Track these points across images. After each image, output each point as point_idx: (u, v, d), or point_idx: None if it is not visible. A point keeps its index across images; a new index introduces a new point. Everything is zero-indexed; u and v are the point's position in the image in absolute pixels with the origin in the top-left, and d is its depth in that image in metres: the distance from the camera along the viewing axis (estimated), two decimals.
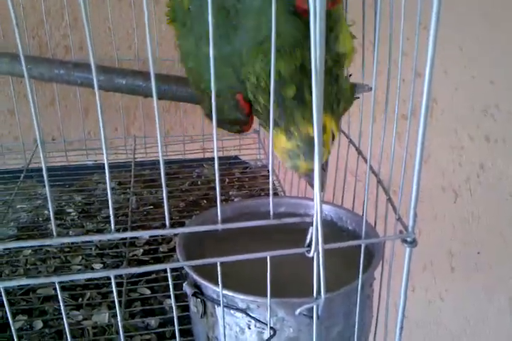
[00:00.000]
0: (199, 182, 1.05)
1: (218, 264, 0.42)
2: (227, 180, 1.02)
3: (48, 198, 0.38)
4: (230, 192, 1.00)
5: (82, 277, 0.39)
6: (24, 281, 0.37)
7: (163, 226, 0.41)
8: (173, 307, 0.43)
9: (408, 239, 0.43)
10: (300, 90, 0.44)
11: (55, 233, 0.38)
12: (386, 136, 0.52)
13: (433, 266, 1.07)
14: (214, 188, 1.00)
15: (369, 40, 0.57)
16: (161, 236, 0.82)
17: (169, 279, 0.42)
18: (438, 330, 1.08)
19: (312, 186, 0.48)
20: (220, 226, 0.41)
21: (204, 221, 0.61)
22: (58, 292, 0.39)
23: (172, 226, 0.41)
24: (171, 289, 0.42)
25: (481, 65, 0.86)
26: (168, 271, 0.41)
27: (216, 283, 0.44)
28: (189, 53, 0.55)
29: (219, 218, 0.41)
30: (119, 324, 0.42)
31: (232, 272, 0.53)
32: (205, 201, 0.97)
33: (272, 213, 0.41)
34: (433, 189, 1.03)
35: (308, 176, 0.48)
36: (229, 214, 0.65)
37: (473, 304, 0.98)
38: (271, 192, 0.41)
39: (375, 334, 0.58)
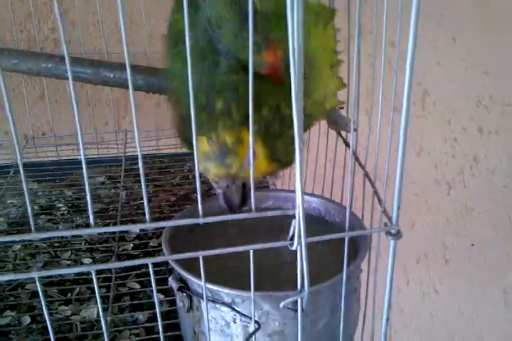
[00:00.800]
0: (190, 176, 1.05)
1: (200, 258, 0.41)
2: None
3: (25, 194, 0.37)
4: None
5: (61, 272, 0.38)
6: (2, 277, 0.37)
7: (153, 220, 0.40)
8: (156, 303, 0.43)
9: (392, 232, 0.43)
10: (228, 104, 0.48)
11: (33, 228, 0.37)
12: (374, 129, 0.52)
13: (427, 258, 1.07)
14: (205, 182, 0.99)
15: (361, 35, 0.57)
16: (152, 230, 0.82)
17: (151, 274, 0.41)
18: (432, 322, 1.09)
19: (222, 201, 0.51)
20: (201, 220, 0.41)
21: (192, 215, 0.61)
22: (38, 287, 0.38)
23: (155, 220, 0.41)
24: (153, 284, 0.42)
25: (474, 55, 0.85)
26: (150, 266, 0.41)
27: (205, 278, 0.43)
28: (176, 74, 0.56)
29: (200, 212, 0.40)
30: (102, 320, 0.42)
31: (220, 266, 0.52)
32: (195, 195, 0.97)
33: (253, 206, 0.41)
34: (426, 181, 1.02)
35: (216, 183, 0.50)
36: (217, 209, 0.64)
37: (467, 296, 0.98)
38: (252, 185, 0.41)
39: (363, 325, 0.58)
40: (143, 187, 0.40)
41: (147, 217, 0.39)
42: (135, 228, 0.39)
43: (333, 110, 0.62)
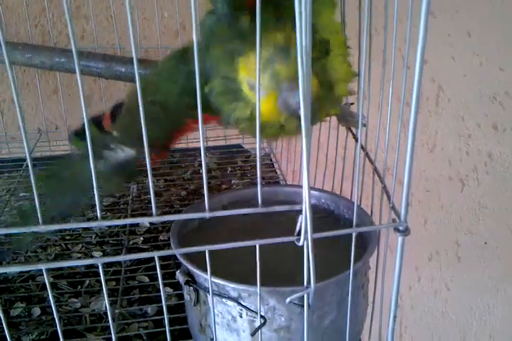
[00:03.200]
0: (201, 171, 1.05)
1: (207, 252, 0.41)
2: (229, 168, 1.02)
3: (33, 185, 0.38)
4: (232, 181, 0.99)
5: (68, 264, 0.39)
6: (11, 269, 0.37)
7: (163, 214, 0.41)
8: (162, 296, 0.43)
9: (400, 228, 0.42)
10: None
11: (40, 220, 0.38)
12: (384, 124, 0.51)
13: (439, 255, 1.05)
14: (216, 177, 0.99)
15: (374, 28, 0.56)
16: (161, 224, 0.82)
17: (157, 267, 0.41)
18: (444, 320, 1.07)
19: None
20: (207, 215, 0.41)
21: (201, 209, 0.61)
22: (45, 279, 0.39)
23: (165, 214, 0.41)
24: (160, 277, 0.42)
25: (490, 50, 0.84)
26: (156, 259, 0.41)
27: (211, 272, 0.43)
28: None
29: (206, 206, 0.40)
30: (108, 312, 0.42)
31: (229, 261, 0.52)
32: None
33: (260, 201, 0.41)
34: (439, 178, 1.01)
35: (293, 87, 0.43)
36: (226, 203, 0.65)
37: (480, 294, 0.97)
38: (259, 179, 0.40)
39: (371, 322, 0.57)
40: (149, 180, 0.40)
41: (153, 210, 0.39)
42: (141, 221, 0.39)
43: (342, 103, 0.60)
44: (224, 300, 0.48)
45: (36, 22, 1.14)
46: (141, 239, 0.81)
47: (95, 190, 0.38)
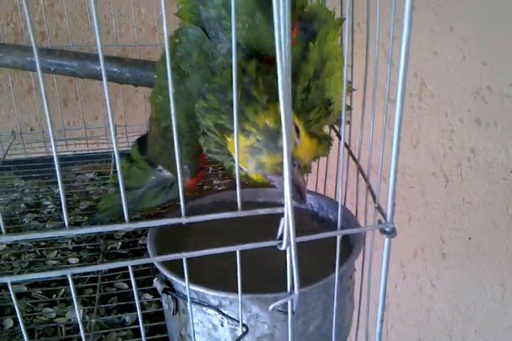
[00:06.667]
0: None
1: (184, 260, 0.39)
2: (210, 168, 0.99)
3: None
4: (214, 181, 0.97)
5: (34, 277, 0.36)
6: None
7: (144, 217, 0.38)
8: (137, 306, 0.40)
9: (387, 229, 0.40)
10: (244, 89, 0.43)
11: (3, 230, 0.35)
12: (368, 121, 0.49)
13: (424, 252, 1.05)
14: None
15: (357, 24, 0.54)
16: (141, 228, 0.79)
17: (131, 276, 0.39)
18: (429, 317, 1.07)
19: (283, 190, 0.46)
20: (184, 220, 0.38)
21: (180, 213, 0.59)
22: (11, 293, 0.36)
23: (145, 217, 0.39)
24: (134, 287, 0.39)
25: (472, 45, 0.83)
26: (130, 269, 0.39)
27: (189, 279, 0.41)
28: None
29: (182, 211, 0.38)
30: (79, 322, 0.40)
31: (210, 267, 0.50)
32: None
33: (239, 204, 0.39)
34: (424, 174, 1.00)
35: (279, 175, 0.43)
36: (208, 205, 0.62)
37: (465, 290, 0.97)
38: (237, 182, 0.38)
39: (357, 326, 0.56)
40: (121, 185, 0.37)
41: (125, 217, 0.37)
42: (112, 229, 0.36)
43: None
44: (204, 308, 0.45)
45: (8, 20, 1.10)
46: (120, 243, 0.78)
47: (62, 197, 0.36)
